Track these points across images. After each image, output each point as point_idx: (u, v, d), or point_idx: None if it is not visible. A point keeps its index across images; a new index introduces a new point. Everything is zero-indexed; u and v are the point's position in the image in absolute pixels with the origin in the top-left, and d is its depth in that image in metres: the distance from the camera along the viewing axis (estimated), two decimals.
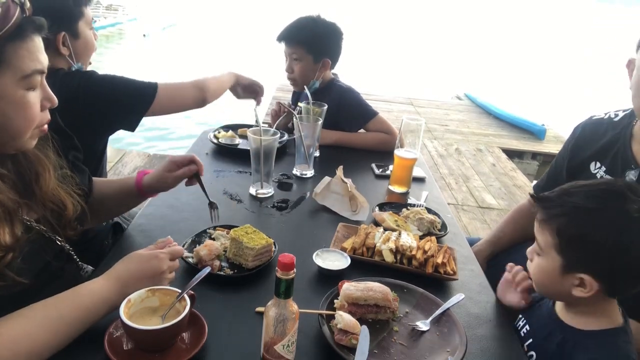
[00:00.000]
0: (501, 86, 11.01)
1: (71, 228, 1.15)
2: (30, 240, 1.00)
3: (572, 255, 1.04)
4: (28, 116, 0.97)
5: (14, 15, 0.90)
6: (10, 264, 0.93)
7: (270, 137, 1.68)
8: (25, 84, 0.95)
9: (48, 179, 1.09)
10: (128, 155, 4.63)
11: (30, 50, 0.94)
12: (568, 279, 1.06)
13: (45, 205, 1.09)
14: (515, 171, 5.17)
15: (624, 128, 1.48)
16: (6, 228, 0.93)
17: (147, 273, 1.04)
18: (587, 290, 1.04)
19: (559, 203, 1.07)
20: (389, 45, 16.29)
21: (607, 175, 1.47)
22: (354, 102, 2.33)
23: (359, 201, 1.68)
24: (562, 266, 1.06)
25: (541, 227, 1.09)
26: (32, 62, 0.95)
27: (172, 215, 1.53)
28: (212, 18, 19.86)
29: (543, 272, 1.11)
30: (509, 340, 1.16)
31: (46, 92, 1.02)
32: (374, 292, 1.13)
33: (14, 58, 0.92)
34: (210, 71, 2.10)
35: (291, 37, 2.23)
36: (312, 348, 1.05)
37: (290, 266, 0.88)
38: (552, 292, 1.15)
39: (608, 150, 1.49)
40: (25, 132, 0.99)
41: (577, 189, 1.08)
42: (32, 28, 0.95)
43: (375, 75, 8.06)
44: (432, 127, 6.43)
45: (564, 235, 1.04)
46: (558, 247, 1.05)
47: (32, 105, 0.97)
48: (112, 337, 0.97)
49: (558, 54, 17.25)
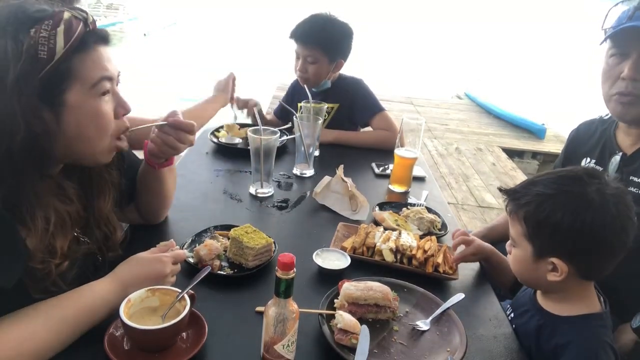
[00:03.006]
0: (501, 86, 11.00)
1: (114, 250, 1.20)
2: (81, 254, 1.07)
3: (540, 241, 1.10)
4: (102, 125, 1.02)
5: (77, 30, 0.95)
6: (64, 274, 0.99)
7: (270, 136, 1.68)
8: (95, 91, 0.99)
9: (107, 200, 1.15)
10: None
11: (95, 60, 0.99)
12: (541, 265, 1.11)
13: (98, 224, 1.15)
14: (516, 170, 5.17)
15: (611, 122, 1.57)
16: (66, 238, 1.00)
17: (149, 276, 1.06)
18: (559, 274, 1.08)
19: (524, 193, 1.13)
20: (389, 44, 16.27)
21: (597, 165, 1.55)
22: (365, 92, 2.37)
23: (359, 200, 1.67)
24: (533, 253, 1.12)
25: (511, 218, 1.16)
26: (99, 70, 0.99)
27: (172, 215, 1.53)
28: (212, 17, 19.85)
29: (519, 262, 1.17)
30: (509, 340, 1.16)
31: (119, 99, 1.06)
32: (374, 292, 1.13)
33: (82, 69, 0.96)
34: (211, 71, 2.10)
35: (308, 39, 2.20)
36: (312, 348, 1.05)
37: (290, 266, 0.88)
38: (530, 280, 1.20)
39: (597, 144, 1.58)
40: (101, 141, 1.03)
41: (539, 178, 1.14)
42: (96, 39, 1.00)
43: (375, 74, 8.05)
44: (432, 126, 6.43)
45: (530, 222, 1.10)
46: (527, 235, 1.11)
47: (105, 112, 1.02)
48: (112, 337, 0.97)
49: (558, 53, 17.24)
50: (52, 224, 0.96)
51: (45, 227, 0.94)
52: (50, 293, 0.96)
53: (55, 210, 0.98)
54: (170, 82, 8.74)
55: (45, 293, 0.96)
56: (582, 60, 13.53)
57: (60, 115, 0.96)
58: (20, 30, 0.90)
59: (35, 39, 0.90)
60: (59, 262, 0.98)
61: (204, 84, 2.59)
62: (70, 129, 0.97)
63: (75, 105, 0.97)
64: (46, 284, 0.96)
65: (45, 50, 0.91)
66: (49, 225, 0.95)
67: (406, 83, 10.51)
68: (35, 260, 0.92)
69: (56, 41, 0.92)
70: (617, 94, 1.40)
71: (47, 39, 0.91)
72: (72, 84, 0.96)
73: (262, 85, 7.13)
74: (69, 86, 0.95)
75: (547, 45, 18.92)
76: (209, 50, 12.65)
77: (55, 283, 0.97)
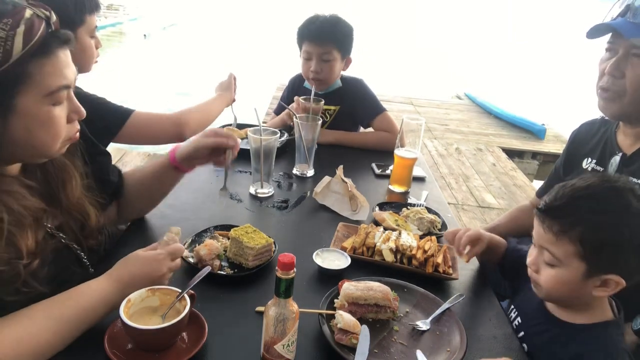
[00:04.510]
0: (501, 86, 11.00)
1: (93, 237, 1.17)
2: (53, 249, 1.02)
3: (597, 260, 1.03)
4: (53, 132, 0.96)
5: (38, 31, 0.88)
6: (35, 272, 0.95)
7: (270, 136, 1.68)
8: (50, 100, 0.93)
9: (74, 187, 1.10)
10: (128, 155, 4.62)
11: (56, 66, 0.92)
12: (589, 283, 1.06)
13: (70, 214, 1.10)
14: (516, 171, 5.17)
15: (612, 123, 1.57)
16: (30, 234, 0.95)
17: (147, 275, 1.05)
18: (611, 289, 1.04)
19: (572, 211, 1.05)
20: (389, 44, 16.27)
21: (597, 166, 1.54)
22: (367, 93, 2.37)
23: (359, 201, 1.67)
24: (586, 272, 1.04)
25: (558, 239, 1.06)
26: (58, 78, 0.93)
27: (172, 214, 1.53)
28: (212, 17, 19.85)
29: (561, 282, 1.09)
30: (509, 340, 1.16)
31: (73, 105, 1.00)
32: (374, 292, 1.13)
33: (39, 75, 0.89)
34: (210, 71, 2.10)
35: (322, 36, 2.18)
36: (312, 348, 1.05)
37: (290, 266, 0.88)
38: (569, 299, 1.13)
39: (598, 144, 1.58)
40: (52, 147, 0.98)
41: (581, 192, 1.06)
42: (58, 43, 0.92)
43: (375, 74, 8.04)
44: (432, 126, 6.43)
45: (588, 242, 1.02)
46: (581, 255, 1.04)
47: (57, 120, 0.96)
48: (112, 337, 0.97)
49: (558, 53, 17.24)
50: (7, 222, 0.90)
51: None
52: (23, 294, 0.92)
53: (9, 209, 0.92)
54: (168, 80, 8.74)
55: (18, 295, 0.91)
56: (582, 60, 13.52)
57: (7, 119, 0.89)
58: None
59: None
60: (28, 262, 0.93)
61: (202, 80, 2.59)
62: (18, 133, 0.91)
63: (26, 111, 0.90)
64: (16, 285, 0.91)
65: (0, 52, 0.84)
66: (2, 224, 0.89)
67: (406, 83, 10.52)
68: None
69: (14, 43, 0.84)
70: (599, 88, 1.42)
71: (4, 39, 0.84)
72: (25, 89, 0.88)
73: (262, 85, 7.13)
74: (22, 91, 0.88)
75: (547, 45, 18.92)
76: (209, 51, 12.65)
77: (27, 283, 0.93)
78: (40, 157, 1.01)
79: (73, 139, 1.04)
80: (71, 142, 1.04)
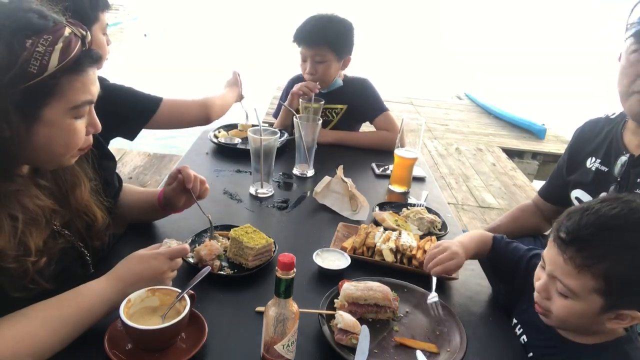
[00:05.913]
0: (501, 86, 11.00)
1: (98, 238, 1.20)
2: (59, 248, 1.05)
3: (618, 296, 0.97)
4: (72, 142, 1.01)
5: (74, 50, 0.93)
6: (42, 270, 0.98)
7: (270, 136, 1.68)
8: (74, 113, 0.98)
9: (83, 190, 1.15)
10: (128, 155, 4.62)
11: (84, 82, 0.97)
12: (604, 316, 1.00)
13: (78, 215, 1.14)
14: (516, 171, 5.17)
15: (617, 123, 1.55)
16: (40, 233, 0.99)
17: (148, 274, 1.05)
18: (626, 322, 0.99)
19: (599, 244, 0.96)
20: (389, 44, 16.27)
21: (602, 166, 1.52)
22: (373, 91, 2.39)
23: (359, 201, 1.67)
24: (603, 307, 0.98)
25: (579, 271, 0.97)
26: (84, 93, 0.98)
27: (172, 215, 1.53)
28: (213, 17, 19.86)
29: (575, 315, 1.02)
30: (509, 340, 1.16)
31: (92, 119, 1.05)
32: (374, 292, 1.13)
33: (68, 90, 0.95)
34: (210, 71, 2.12)
35: (312, 38, 2.18)
36: (312, 348, 1.05)
37: (290, 266, 0.88)
38: (578, 329, 1.08)
39: (602, 143, 1.56)
40: (66, 155, 1.03)
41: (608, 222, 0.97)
42: (90, 62, 0.98)
43: (375, 74, 8.06)
44: (432, 126, 6.43)
45: (614, 277, 0.95)
46: (602, 291, 0.96)
47: (77, 132, 1.01)
48: (112, 337, 0.97)
49: (558, 53, 17.24)
50: (21, 222, 0.94)
51: (13, 225, 0.93)
52: (29, 291, 0.95)
53: (24, 208, 0.96)
54: (168, 80, 8.74)
55: (24, 291, 0.94)
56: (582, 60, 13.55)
57: (32, 127, 0.94)
58: (17, 37, 0.87)
59: (30, 52, 0.87)
60: (36, 260, 0.96)
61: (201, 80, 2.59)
62: (39, 140, 0.96)
63: (51, 121, 0.95)
64: (24, 282, 0.94)
65: (36, 66, 0.88)
66: (17, 224, 0.94)
67: (406, 83, 10.51)
68: (7, 260, 0.91)
69: (50, 58, 0.89)
70: (638, 92, 1.36)
71: (41, 54, 0.88)
72: (54, 102, 0.94)
73: (262, 85, 7.13)
74: (50, 103, 0.93)
75: (547, 45, 18.91)
76: (209, 51, 12.65)
77: (34, 280, 0.96)
78: (52, 164, 1.05)
79: (84, 150, 1.08)
80: (82, 153, 1.09)
